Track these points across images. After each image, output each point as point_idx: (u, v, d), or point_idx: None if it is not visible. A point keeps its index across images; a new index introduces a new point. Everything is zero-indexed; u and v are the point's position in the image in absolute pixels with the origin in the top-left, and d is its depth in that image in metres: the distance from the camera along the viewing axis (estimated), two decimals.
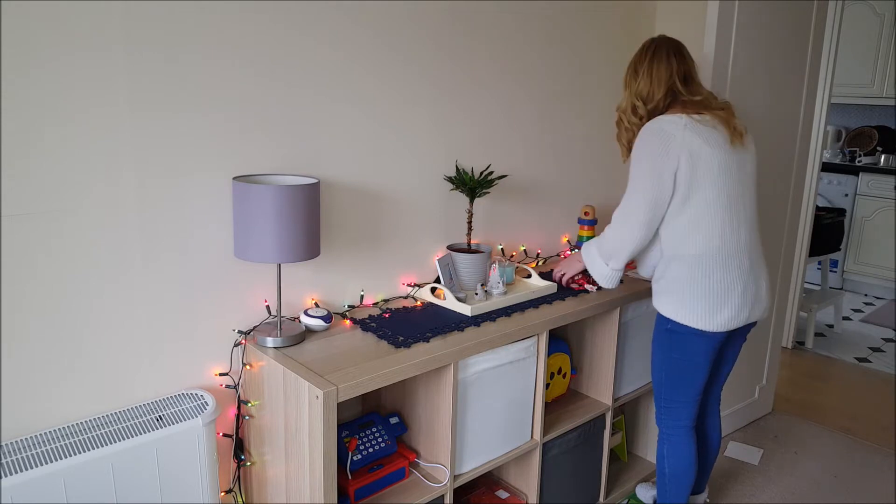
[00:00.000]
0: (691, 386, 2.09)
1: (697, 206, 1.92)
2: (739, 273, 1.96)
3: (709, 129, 1.92)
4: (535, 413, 2.12)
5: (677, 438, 2.16)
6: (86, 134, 1.50)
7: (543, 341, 2.06)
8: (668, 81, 2.00)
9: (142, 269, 1.64)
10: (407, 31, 2.03)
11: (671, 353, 2.07)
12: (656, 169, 1.91)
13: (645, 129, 1.97)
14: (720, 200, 1.92)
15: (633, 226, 1.98)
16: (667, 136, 1.90)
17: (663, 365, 2.11)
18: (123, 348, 1.64)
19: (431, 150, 2.19)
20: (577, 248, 2.71)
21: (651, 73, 2.02)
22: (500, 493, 2.25)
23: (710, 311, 1.95)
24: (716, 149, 1.91)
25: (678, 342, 2.04)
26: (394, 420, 1.97)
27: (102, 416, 1.61)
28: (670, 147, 1.89)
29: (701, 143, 1.89)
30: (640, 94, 2.03)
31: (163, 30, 1.56)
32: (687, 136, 1.89)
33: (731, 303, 1.96)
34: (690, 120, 1.92)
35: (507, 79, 2.36)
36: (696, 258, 1.95)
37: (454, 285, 2.15)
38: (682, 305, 1.98)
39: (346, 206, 2.00)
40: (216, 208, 1.73)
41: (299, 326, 1.83)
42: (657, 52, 2.04)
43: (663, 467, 2.20)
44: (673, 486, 2.20)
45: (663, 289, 2.03)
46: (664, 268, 2.02)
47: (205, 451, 1.65)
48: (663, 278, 2.03)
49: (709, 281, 1.94)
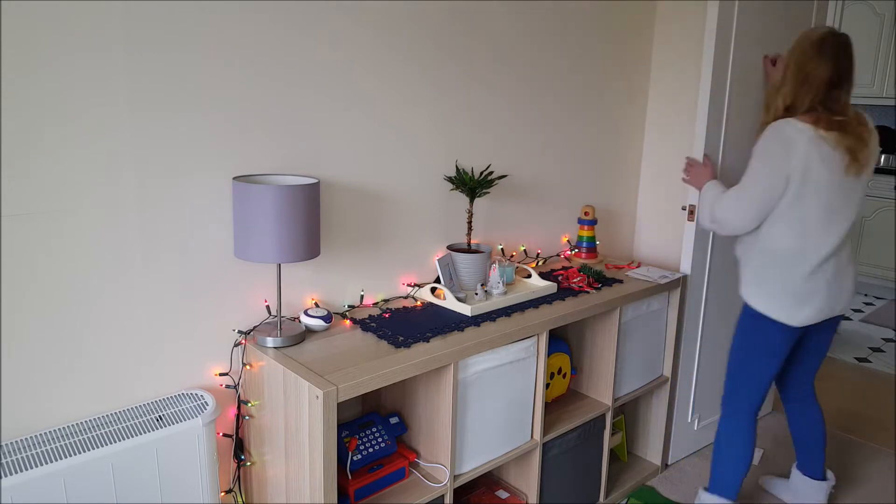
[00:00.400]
0: (763, 374, 2.20)
1: (799, 213, 2.03)
2: (824, 277, 2.08)
3: (830, 148, 1.98)
4: (535, 413, 2.12)
5: (739, 422, 2.25)
6: (86, 134, 1.50)
7: (543, 341, 2.06)
8: (815, 93, 2.01)
9: (142, 269, 1.64)
10: (407, 31, 2.03)
11: (752, 338, 2.19)
12: (773, 172, 2.00)
13: (773, 129, 2.02)
14: (820, 211, 2.03)
15: (742, 214, 2.10)
16: (790, 146, 1.98)
17: (741, 349, 2.23)
18: (123, 348, 1.64)
19: (431, 150, 2.19)
20: (577, 248, 2.72)
21: (806, 79, 2.01)
22: (500, 493, 2.25)
23: (794, 307, 2.09)
24: (830, 170, 1.99)
25: (760, 330, 2.16)
26: (394, 420, 1.97)
27: (102, 416, 1.61)
28: (791, 157, 1.98)
29: (819, 160, 1.98)
30: (786, 99, 2.05)
31: (163, 30, 1.56)
32: (810, 149, 1.97)
33: (814, 302, 2.08)
34: (816, 134, 1.98)
35: (507, 79, 2.36)
36: (789, 258, 2.07)
37: (454, 285, 2.15)
38: (769, 298, 2.11)
39: (346, 206, 2.00)
40: (216, 208, 1.73)
41: (299, 326, 1.83)
42: (819, 56, 2.00)
43: (721, 450, 2.29)
44: (730, 470, 2.28)
45: (752, 280, 2.16)
46: (757, 261, 2.14)
47: (205, 451, 1.65)
48: (755, 271, 2.15)
49: (797, 281, 2.07)
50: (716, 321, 2.80)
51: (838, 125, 1.99)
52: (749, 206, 2.07)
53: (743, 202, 2.08)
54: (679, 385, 2.73)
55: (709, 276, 2.69)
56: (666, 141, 2.92)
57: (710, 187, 2.27)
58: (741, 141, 2.64)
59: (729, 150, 2.59)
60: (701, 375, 2.81)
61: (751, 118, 2.65)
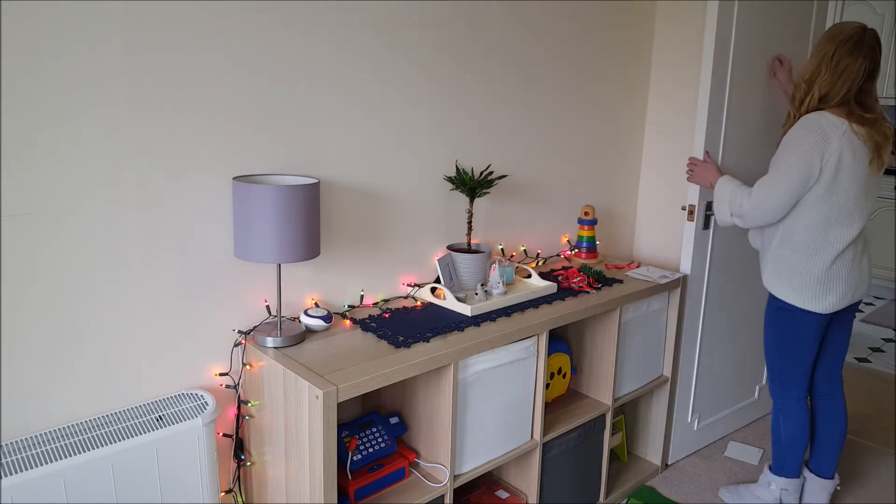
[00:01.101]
0: (801, 361, 2.28)
1: (829, 204, 2.08)
2: (844, 264, 2.14)
3: (861, 143, 2.05)
4: (535, 413, 2.12)
5: (790, 407, 2.35)
6: (86, 134, 1.50)
7: (543, 341, 2.06)
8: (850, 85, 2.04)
9: (142, 269, 1.64)
10: (407, 31, 2.03)
11: (782, 329, 2.27)
12: (806, 165, 2.04)
13: (807, 121, 2.06)
14: (849, 204, 2.09)
15: (771, 205, 2.13)
16: (825, 138, 2.02)
17: (774, 341, 2.31)
18: (123, 348, 1.64)
19: (431, 150, 2.19)
20: (577, 248, 2.72)
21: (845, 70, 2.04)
22: (500, 493, 2.25)
23: (820, 295, 2.15)
24: (860, 164, 2.06)
25: (788, 320, 2.24)
26: (394, 420, 1.97)
27: (102, 416, 1.61)
28: (825, 149, 2.02)
29: (851, 155, 2.04)
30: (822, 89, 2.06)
31: (163, 30, 1.56)
32: (843, 143, 2.03)
33: (837, 289, 2.15)
34: (850, 128, 2.03)
35: (507, 79, 2.36)
36: (812, 248, 2.13)
37: (454, 285, 2.15)
38: (793, 289, 2.18)
39: (346, 206, 2.00)
40: (216, 208, 1.73)
41: (299, 326, 1.83)
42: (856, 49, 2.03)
43: (779, 434, 2.39)
44: (789, 451, 2.38)
45: (775, 271, 2.23)
46: (779, 252, 2.20)
47: (205, 451, 1.65)
48: (778, 262, 2.21)
49: (819, 270, 2.14)
50: (716, 321, 2.80)
51: (869, 121, 2.05)
52: (780, 196, 2.10)
53: (773, 193, 2.11)
54: (679, 385, 2.73)
55: (709, 276, 2.69)
56: (666, 140, 2.92)
57: (725, 182, 2.29)
58: (741, 139, 2.64)
59: (729, 148, 2.59)
60: (701, 375, 2.81)
61: (751, 117, 2.65)
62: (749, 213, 2.19)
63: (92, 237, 1.55)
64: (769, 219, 2.16)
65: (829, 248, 2.12)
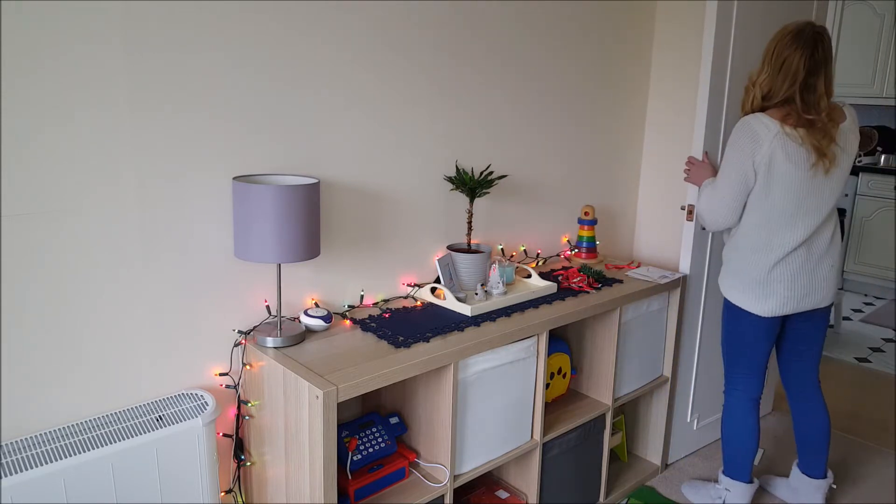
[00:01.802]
0: (747, 362, 2.29)
1: (766, 206, 2.08)
2: (788, 268, 2.13)
3: (795, 145, 2.01)
4: (535, 413, 2.12)
5: (732, 406, 2.35)
6: (86, 134, 1.50)
7: (543, 341, 2.06)
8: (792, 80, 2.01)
9: (142, 269, 1.64)
10: (407, 31, 2.03)
11: (729, 327, 2.30)
12: (741, 168, 2.07)
13: (741, 124, 2.08)
14: (787, 206, 2.07)
15: (716, 207, 2.17)
16: (755, 141, 2.03)
17: (723, 338, 2.35)
18: (123, 348, 1.64)
19: (431, 150, 2.19)
20: (577, 248, 2.72)
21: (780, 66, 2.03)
22: (500, 493, 2.25)
23: (761, 298, 2.16)
24: (795, 166, 2.02)
25: (734, 320, 2.27)
26: (394, 420, 1.97)
27: (102, 416, 1.61)
28: (755, 151, 2.03)
29: (784, 157, 2.01)
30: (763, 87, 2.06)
31: (163, 30, 1.56)
32: (776, 145, 2.01)
33: (778, 293, 2.14)
34: (782, 130, 2.01)
35: (507, 79, 2.36)
36: (752, 250, 2.15)
37: (454, 285, 2.15)
38: (735, 289, 2.22)
39: (346, 206, 2.00)
40: (216, 208, 1.73)
41: (299, 326, 1.83)
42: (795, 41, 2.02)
43: (725, 431, 2.39)
44: (727, 451, 2.38)
45: (723, 271, 2.29)
46: (727, 253, 2.26)
47: (205, 451, 1.65)
48: (725, 262, 2.27)
49: (759, 272, 2.15)
50: (715, 321, 2.80)
51: (807, 122, 2.01)
52: (723, 200, 2.14)
53: (717, 197, 2.16)
54: (679, 385, 2.73)
55: (708, 276, 2.69)
56: (666, 140, 2.92)
57: (703, 185, 2.30)
58: None
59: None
60: (700, 375, 2.81)
61: None
62: (706, 217, 2.23)
63: (92, 237, 1.55)
64: (722, 223, 2.19)
65: (770, 251, 2.11)
